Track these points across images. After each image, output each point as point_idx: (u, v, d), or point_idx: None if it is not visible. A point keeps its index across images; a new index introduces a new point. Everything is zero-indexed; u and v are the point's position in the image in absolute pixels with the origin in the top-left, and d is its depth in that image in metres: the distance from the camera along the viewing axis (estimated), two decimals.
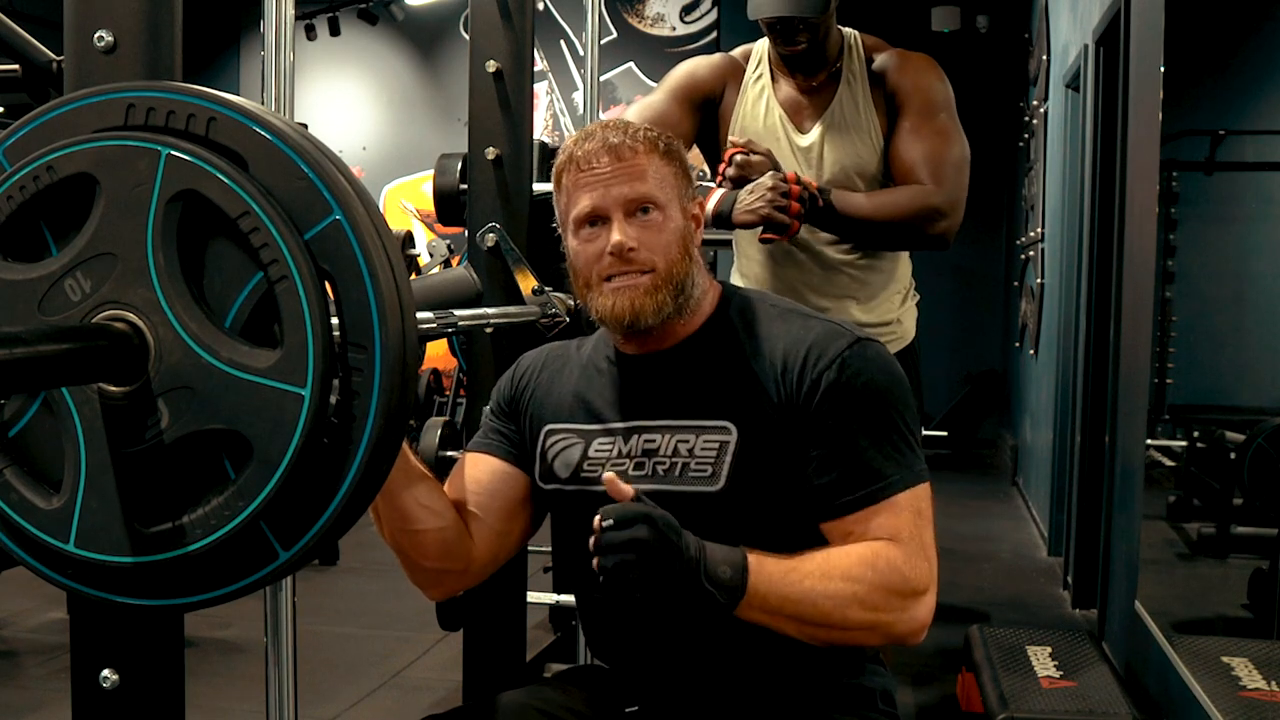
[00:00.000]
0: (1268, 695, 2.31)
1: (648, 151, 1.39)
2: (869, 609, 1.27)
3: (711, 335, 1.43)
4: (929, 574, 1.32)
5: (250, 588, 0.94)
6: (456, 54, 8.47)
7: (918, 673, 3.44)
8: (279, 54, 1.71)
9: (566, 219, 1.41)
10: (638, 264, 1.36)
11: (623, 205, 1.37)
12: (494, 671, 2.28)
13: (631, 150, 1.38)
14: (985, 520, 5.81)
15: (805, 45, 2.26)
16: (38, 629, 3.78)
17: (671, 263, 1.38)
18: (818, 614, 1.26)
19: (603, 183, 1.37)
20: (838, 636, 1.30)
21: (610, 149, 1.38)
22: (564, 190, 1.41)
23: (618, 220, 1.36)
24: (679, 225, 1.40)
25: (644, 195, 1.37)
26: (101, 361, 0.88)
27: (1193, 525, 3.15)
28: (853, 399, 1.34)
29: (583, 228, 1.39)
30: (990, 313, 8.08)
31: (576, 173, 1.39)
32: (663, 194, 1.38)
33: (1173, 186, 2.97)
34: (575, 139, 1.42)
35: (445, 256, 7.05)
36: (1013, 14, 7.41)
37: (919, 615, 1.31)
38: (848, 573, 1.27)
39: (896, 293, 2.43)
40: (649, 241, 1.37)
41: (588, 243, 1.39)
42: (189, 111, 0.91)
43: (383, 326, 0.89)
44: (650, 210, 1.37)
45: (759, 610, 1.26)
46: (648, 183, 1.38)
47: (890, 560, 1.29)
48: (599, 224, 1.38)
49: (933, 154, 2.21)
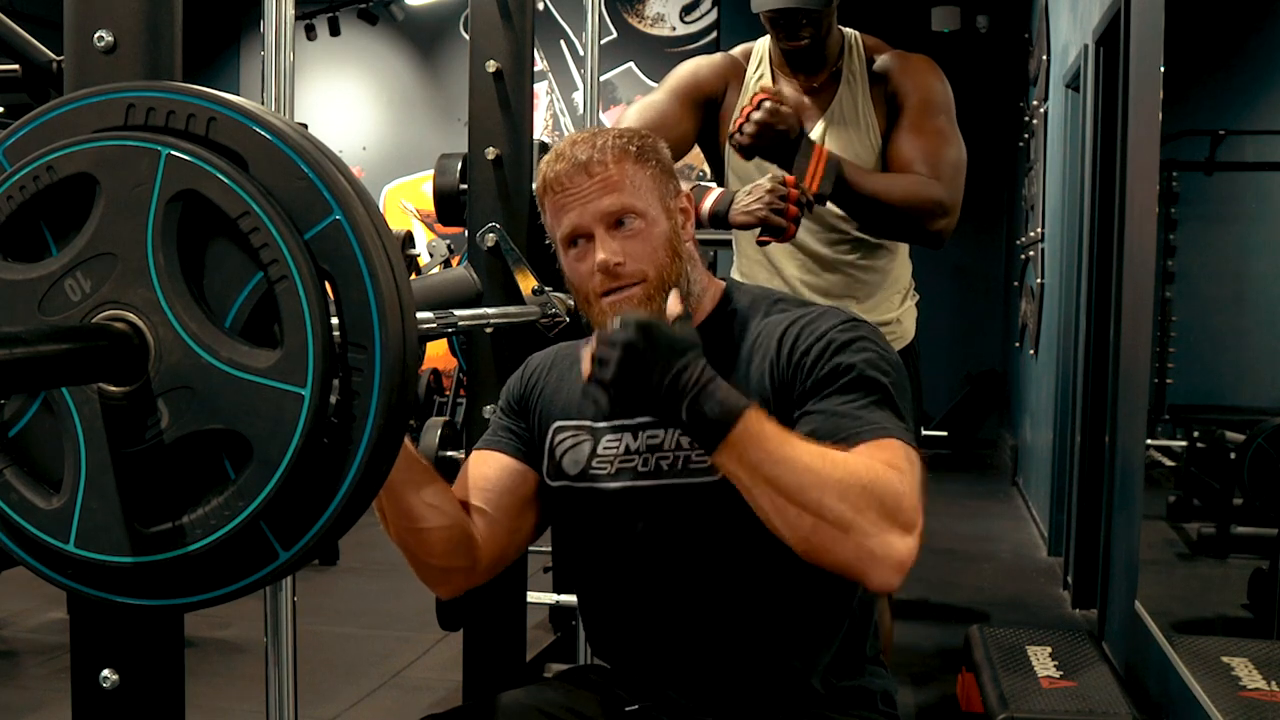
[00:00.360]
0: (1268, 695, 2.31)
1: (618, 160, 1.38)
2: (849, 505, 1.16)
3: (712, 332, 1.43)
4: (917, 518, 1.21)
5: (250, 588, 0.94)
6: (456, 54, 8.47)
7: (918, 673, 3.45)
8: (279, 54, 1.71)
9: (554, 239, 1.43)
10: (627, 276, 1.37)
11: (602, 220, 1.37)
12: (494, 671, 2.28)
13: (601, 164, 1.38)
14: (985, 520, 5.82)
15: (809, 40, 2.25)
16: (38, 629, 3.78)
17: (661, 268, 1.38)
18: (794, 484, 1.17)
19: (579, 201, 1.37)
20: (807, 524, 1.17)
21: (580, 167, 1.38)
22: (547, 211, 1.42)
23: (600, 236, 1.37)
24: (663, 228, 1.40)
25: (621, 206, 1.37)
26: (101, 361, 0.88)
27: (1193, 525, 3.15)
28: (841, 366, 1.32)
29: (570, 247, 1.40)
30: (990, 313, 8.08)
31: (553, 195, 1.40)
32: (640, 200, 1.38)
33: (1173, 186, 2.97)
34: (547, 161, 1.42)
35: (445, 256, 7.06)
36: (1013, 14, 7.41)
37: (897, 547, 1.17)
38: (841, 464, 1.19)
39: (896, 292, 2.43)
40: (635, 251, 1.37)
41: (578, 261, 1.40)
42: (189, 111, 0.91)
43: (383, 326, 0.89)
44: (631, 220, 1.38)
45: (736, 462, 1.18)
46: (624, 193, 1.37)
47: (888, 479, 1.19)
48: (583, 242, 1.39)
49: (931, 153, 2.21)
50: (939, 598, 4.36)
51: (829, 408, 1.29)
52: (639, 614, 1.43)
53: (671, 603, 1.40)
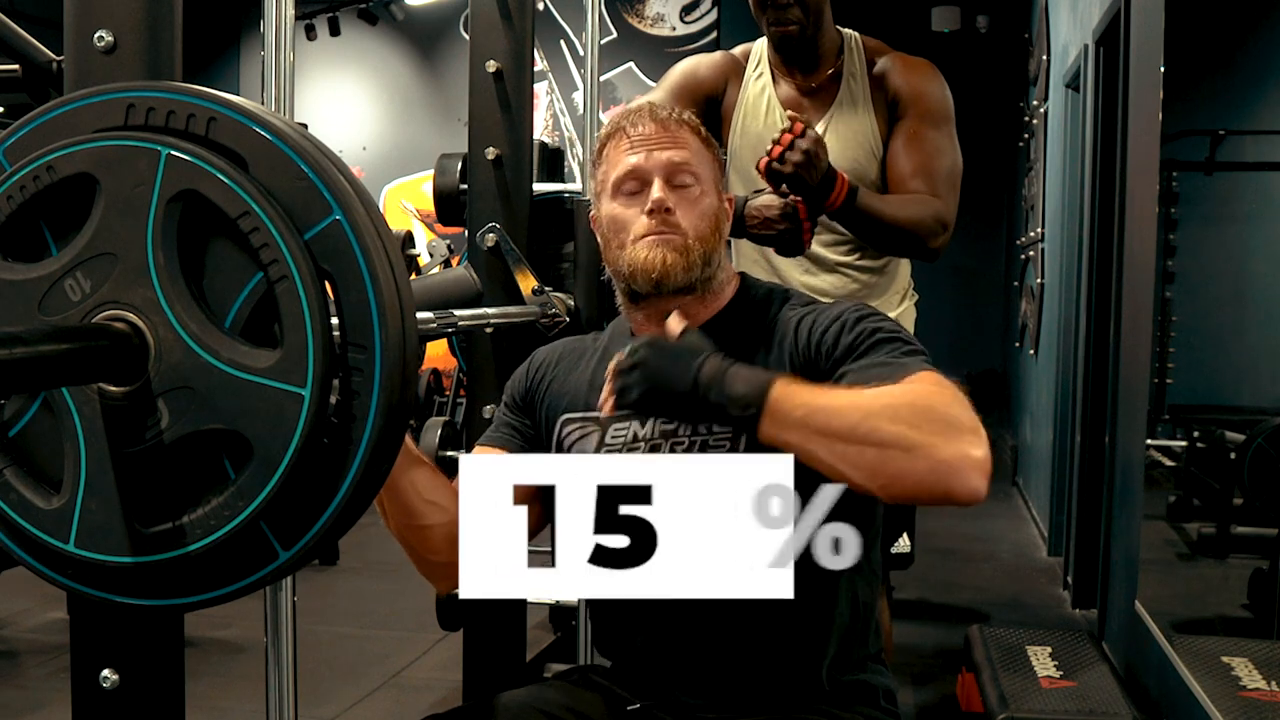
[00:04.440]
0: (1268, 695, 2.31)
1: (691, 131, 1.46)
2: (906, 424, 1.12)
3: (730, 320, 1.45)
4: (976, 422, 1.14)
5: (250, 588, 0.94)
6: (456, 54, 8.47)
7: (918, 673, 3.45)
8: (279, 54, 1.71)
9: (605, 185, 1.46)
10: (672, 225, 1.41)
11: (665, 169, 1.42)
12: (494, 671, 2.28)
13: (677, 124, 1.45)
14: (985, 520, 5.81)
15: (797, 26, 2.23)
16: (38, 629, 3.78)
17: (703, 235, 1.42)
18: (845, 426, 1.13)
19: (647, 147, 1.43)
20: (872, 457, 1.12)
21: (657, 119, 1.45)
22: (605, 159, 1.47)
23: (660, 182, 1.42)
24: (714, 203, 1.45)
25: (686, 163, 1.43)
26: (101, 361, 0.88)
27: (1193, 525, 3.15)
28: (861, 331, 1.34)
29: (621, 191, 1.44)
30: (990, 313, 8.08)
31: (622, 138, 1.45)
32: (702, 169, 1.45)
33: (1173, 186, 2.97)
34: (621, 113, 1.48)
35: (445, 256, 7.05)
36: (1013, 14, 7.41)
37: (969, 451, 1.10)
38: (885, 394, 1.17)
39: (896, 293, 2.43)
40: (686, 210, 1.42)
41: (625, 206, 1.43)
42: (189, 111, 0.91)
43: (383, 326, 0.89)
44: (690, 183, 1.43)
45: (782, 426, 1.16)
46: (689, 153, 1.44)
47: (933, 394, 1.17)
48: (638, 191, 1.43)
49: (929, 166, 2.21)
50: (939, 598, 4.36)
51: (860, 365, 1.30)
52: (645, 607, 1.42)
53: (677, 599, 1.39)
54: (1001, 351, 7.97)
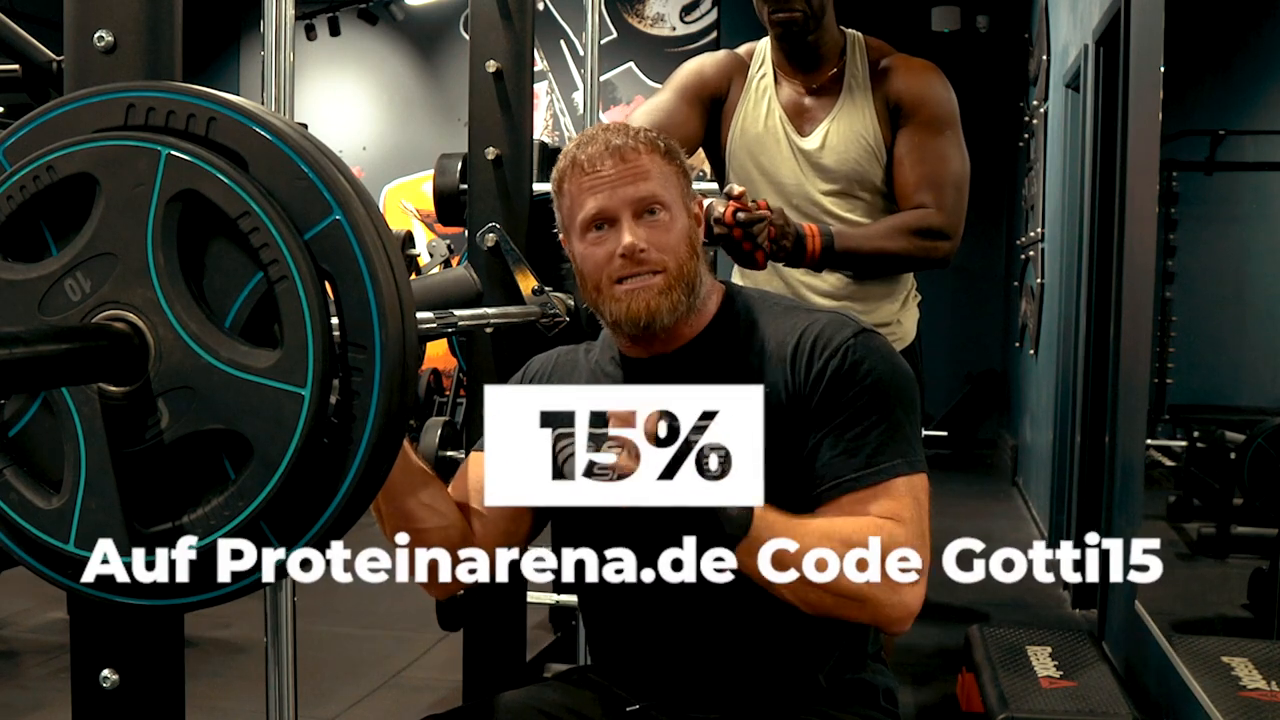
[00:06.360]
0: (1268, 695, 2.31)
1: (649, 152, 1.39)
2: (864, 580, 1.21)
3: (716, 336, 1.43)
4: (923, 562, 1.28)
5: (250, 588, 0.94)
6: (456, 54, 8.46)
7: (918, 673, 3.44)
8: (279, 54, 1.71)
9: (572, 224, 1.40)
10: (649, 264, 1.36)
11: (630, 206, 1.36)
12: (494, 671, 2.28)
13: (634, 151, 1.37)
14: (985, 520, 5.81)
15: (800, 14, 2.22)
16: (38, 629, 3.78)
17: (681, 262, 1.38)
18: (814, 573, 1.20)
19: (608, 185, 1.36)
20: (828, 603, 1.25)
21: (614, 151, 1.37)
22: (566, 195, 1.40)
23: (626, 222, 1.36)
24: (685, 224, 1.40)
25: (651, 195, 1.37)
26: (101, 361, 0.88)
27: (1193, 525, 3.14)
28: (855, 387, 1.34)
29: (589, 231, 1.38)
30: (990, 313, 8.07)
31: (580, 176, 1.38)
32: (668, 194, 1.38)
33: (1173, 186, 2.97)
34: (576, 143, 1.41)
35: (445, 256, 7.05)
36: (1013, 14, 7.41)
37: (909, 601, 1.27)
38: (851, 537, 1.23)
39: (897, 293, 2.42)
40: (658, 242, 1.37)
41: (595, 246, 1.38)
42: (189, 111, 0.91)
43: (383, 326, 0.89)
44: (658, 211, 1.37)
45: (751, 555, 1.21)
46: (653, 183, 1.37)
47: (893, 535, 1.26)
48: (606, 227, 1.37)
49: (934, 176, 2.21)
50: (939, 598, 4.35)
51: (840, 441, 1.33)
52: (642, 612, 1.42)
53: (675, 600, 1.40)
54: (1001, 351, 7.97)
